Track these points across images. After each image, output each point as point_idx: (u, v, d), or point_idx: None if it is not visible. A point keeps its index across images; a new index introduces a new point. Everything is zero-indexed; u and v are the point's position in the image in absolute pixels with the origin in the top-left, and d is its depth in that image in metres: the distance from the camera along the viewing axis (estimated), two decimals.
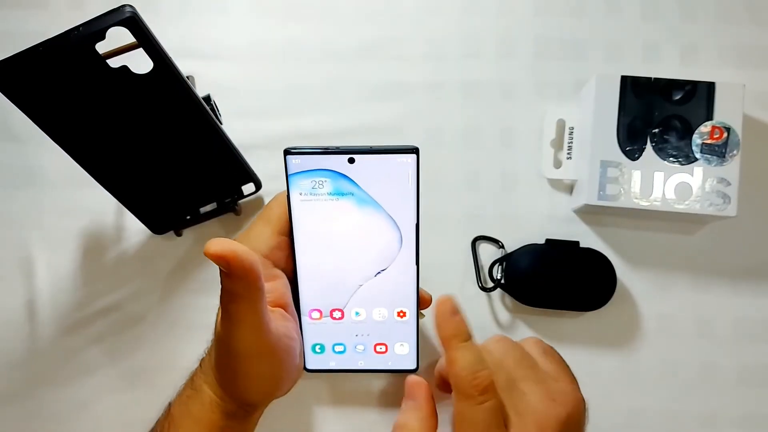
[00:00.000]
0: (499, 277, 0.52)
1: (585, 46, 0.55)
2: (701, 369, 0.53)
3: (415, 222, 0.42)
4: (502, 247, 0.53)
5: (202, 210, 0.54)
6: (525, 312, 0.53)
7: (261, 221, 0.44)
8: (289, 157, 0.40)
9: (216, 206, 0.53)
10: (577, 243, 0.52)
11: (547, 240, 0.52)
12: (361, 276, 0.44)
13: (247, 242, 0.43)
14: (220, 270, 0.36)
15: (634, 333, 0.53)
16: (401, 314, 0.45)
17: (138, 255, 0.54)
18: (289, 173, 0.41)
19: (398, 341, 0.46)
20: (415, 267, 0.43)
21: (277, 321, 0.41)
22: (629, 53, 0.55)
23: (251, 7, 0.56)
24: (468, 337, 0.39)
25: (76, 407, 0.53)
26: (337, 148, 0.40)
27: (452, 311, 0.39)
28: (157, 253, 0.54)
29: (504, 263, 0.52)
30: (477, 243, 0.54)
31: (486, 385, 0.37)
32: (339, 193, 0.41)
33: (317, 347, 0.46)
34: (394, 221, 0.42)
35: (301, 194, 0.41)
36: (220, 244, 0.35)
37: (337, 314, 0.45)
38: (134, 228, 0.54)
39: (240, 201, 0.54)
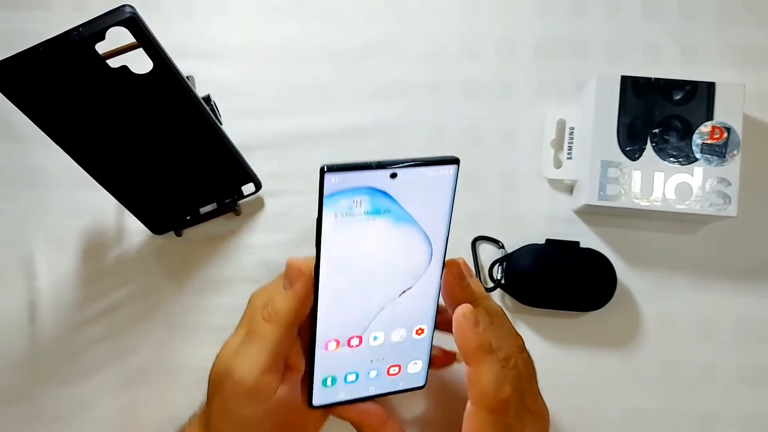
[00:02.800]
0: (499, 278, 0.52)
1: (585, 46, 0.55)
2: (701, 369, 0.53)
3: (446, 235, 0.40)
4: (502, 247, 0.53)
5: (202, 210, 0.54)
6: (525, 312, 0.53)
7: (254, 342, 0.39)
8: (327, 175, 0.35)
9: (216, 206, 0.53)
10: (577, 243, 0.52)
11: (547, 240, 0.52)
12: (386, 297, 0.40)
13: (240, 364, 0.39)
14: None
15: (634, 333, 0.53)
16: (419, 332, 0.42)
17: (138, 255, 0.54)
18: (325, 194, 0.35)
19: (413, 360, 0.43)
20: (439, 281, 0.40)
21: None
22: (629, 53, 0.55)
23: (251, 8, 0.56)
24: (490, 348, 0.39)
25: (77, 407, 0.53)
26: (379, 163, 0.36)
27: (474, 321, 0.39)
28: (157, 253, 0.54)
29: (504, 263, 0.52)
30: (477, 243, 0.54)
31: (507, 398, 0.38)
32: (376, 212, 0.37)
33: (328, 380, 0.41)
34: (426, 235, 0.39)
35: (336, 216, 0.36)
36: None
37: (354, 341, 0.41)
38: (134, 228, 0.54)
39: (240, 201, 0.54)
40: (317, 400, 0.42)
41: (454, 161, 0.37)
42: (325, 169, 0.35)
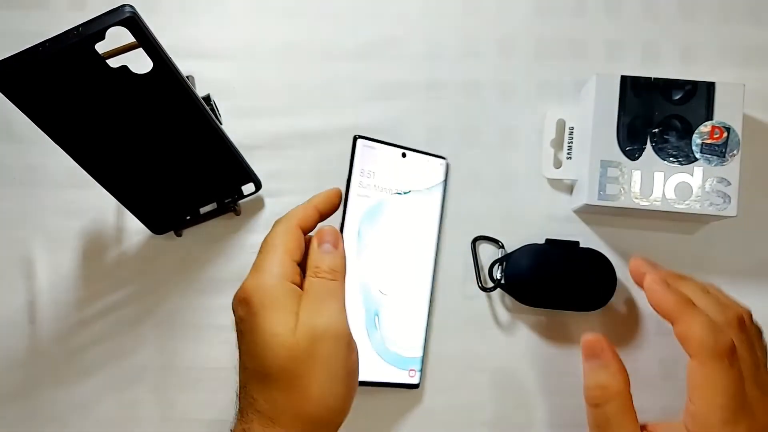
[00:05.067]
0: (499, 277, 0.52)
1: (585, 45, 0.55)
2: None
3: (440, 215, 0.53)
4: (502, 247, 0.53)
5: (202, 210, 0.54)
6: (525, 312, 0.53)
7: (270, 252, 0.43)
8: (358, 142, 0.51)
9: (216, 206, 0.53)
10: (577, 243, 0.52)
11: (547, 240, 0.52)
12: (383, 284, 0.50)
13: (261, 275, 0.42)
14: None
15: (634, 333, 0.53)
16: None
17: (138, 255, 0.54)
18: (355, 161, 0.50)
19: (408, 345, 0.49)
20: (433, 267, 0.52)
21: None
22: (629, 53, 0.55)
23: (251, 7, 0.56)
24: (691, 302, 0.40)
25: (76, 407, 0.53)
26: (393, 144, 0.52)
27: (663, 284, 0.42)
28: (157, 253, 0.54)
29: (504, 263, 0.52)
30: (477, 243, 0.54)
31: (731, 347, 0.38)
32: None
33: None
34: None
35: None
36: None
37: None
38: (134, 228, 0.54)
39: (240, 201, 0.54)
40: None
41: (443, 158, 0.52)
42: (357, 137, 0.51)
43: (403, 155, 0.52)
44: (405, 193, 0.52)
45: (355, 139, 0.50)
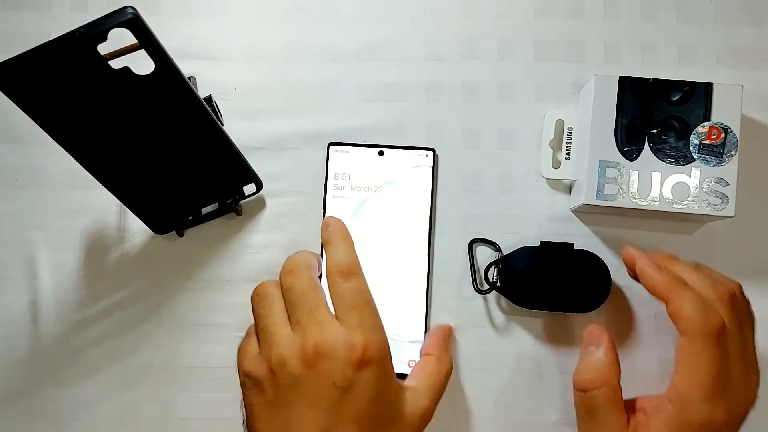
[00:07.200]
0: (494, 280, 0.52)
1: (583, 47, 0.56)
2: None
3: (430, 215, 0.53)
4: (499, 249, 0.53)
5: (204, 210, 0.54)
6: (520, 314, 0.53)
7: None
8: (331, 148, 0.53)
9: (218, 207, 0.54)
10: (572, 245, 0.52)
11: (542, 242, 0.52)
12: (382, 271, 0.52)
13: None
14: None
15: (630, 334, 0.53)
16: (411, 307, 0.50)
17: (140, 255, 0.55)
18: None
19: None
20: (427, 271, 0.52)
21: None
22: (628, 54, 0.56)
23: (252, 9, 0.57)
24: (683, 282, 0.42)
25: (79, 407, 0.53)
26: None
27: (654, 268, 0.43)
28: (159, 253, 0.55)
29: (499, 265, 0.52)
30: (474, 245, 0.54)
31: (721, 326, 0.39)
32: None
33: None
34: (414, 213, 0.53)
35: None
36: None
37: None
38: (136, 228, 0.54)
39: (241, 201, 0.54)
40: None
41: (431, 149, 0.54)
42: (330, 144, 0.53)
43: (381, 153, 0.53)
44: (382, 188, 0.53)
45: (328, 146, 0.53)
